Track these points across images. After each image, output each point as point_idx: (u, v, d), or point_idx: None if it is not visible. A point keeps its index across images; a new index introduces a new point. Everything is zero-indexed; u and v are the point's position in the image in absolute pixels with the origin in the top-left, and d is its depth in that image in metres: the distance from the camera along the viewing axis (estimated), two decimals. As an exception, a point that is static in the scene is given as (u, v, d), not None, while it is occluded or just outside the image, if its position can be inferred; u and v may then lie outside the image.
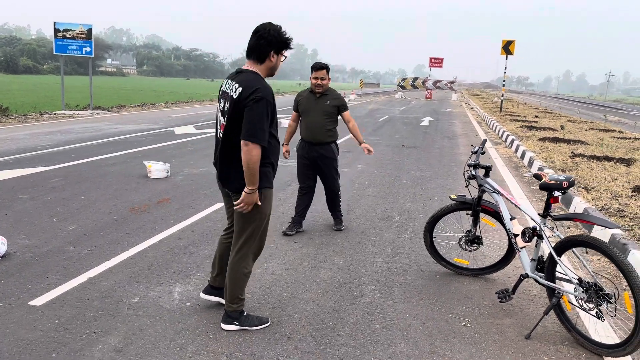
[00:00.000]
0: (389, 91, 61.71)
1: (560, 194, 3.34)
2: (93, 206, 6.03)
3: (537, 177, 3.44)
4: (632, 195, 6.30)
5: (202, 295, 3.57)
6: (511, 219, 3.71)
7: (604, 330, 3.40)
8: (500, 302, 3.60)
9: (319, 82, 5.03)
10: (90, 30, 19.62)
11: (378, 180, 8.19)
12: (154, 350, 2.98)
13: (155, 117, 18.43)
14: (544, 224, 3.41)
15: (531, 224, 3.56)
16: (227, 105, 3.07)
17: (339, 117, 5.29)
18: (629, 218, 5.37)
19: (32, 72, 78.57)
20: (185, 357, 2.92)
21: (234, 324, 3.23)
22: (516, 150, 11.60)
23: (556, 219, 3.39)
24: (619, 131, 16.42)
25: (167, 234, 5.07)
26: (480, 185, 3.74)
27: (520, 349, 3.15)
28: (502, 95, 24.82)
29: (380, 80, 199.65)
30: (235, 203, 3.07)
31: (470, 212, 4.06)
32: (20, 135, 12.10)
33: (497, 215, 3.94)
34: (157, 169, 7.80)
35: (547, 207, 3.40)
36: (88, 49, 19.58)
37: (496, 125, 17.09)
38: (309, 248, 4.84)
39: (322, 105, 5.11)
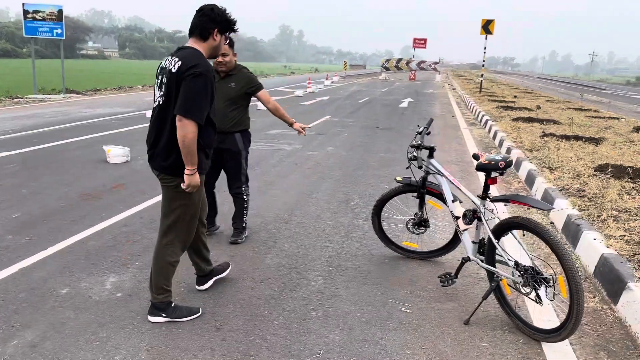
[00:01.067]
0: (374, 73, 61.28)
1: (498, 174, 3.23)
2: (43, 192, 5.83)
3: (475, 157, 3.33)
4: (594, 175, 6.24)
5: (198, 287, 3.54)
6: (454, 201, 3.60)
7: (547, 315, 3.33)
8: (443, 286, 3.51)
9: (220, 59, 4.03)
10: (60, 12, 19.07)
11: (345, 162, 8.05)
12: (72, 345, 2.84)
13: (129, 101, 18.07)
14: (483, 205, 3.31)
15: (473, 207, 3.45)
16: (164, 79, 2.94)
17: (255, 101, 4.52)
18: (588, 198, 5.31)
19: (11, 55, 76.70)
20: (104, 351, 2.78)
21: (161, 316, 3.09)
22: (489, 130, 11.52)
23: (494, 200, 3.28)
24: (594, 110, 16.42)
25: (113, 221, 4.90)
26: (420, 167, 3.61)
27: (456, 335, 3.06)
28: (482, 76, 24.69)
29: (367, 61, 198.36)
30: (182, 186, 2.93)
31: (416, 194, 3.95)
32: (-16, 121, 11.77)
33: (443, 197, 3.83)
34: (116, 153, 7.59)
35: (486, 188, 3.29)
36: (59, 31, 19.05)
37: (473, 106, 17.01)
38: (259, 234, 4.70)
39: (224, 88, 4.16)
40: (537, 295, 2.99)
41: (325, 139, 10.39)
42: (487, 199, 3.30)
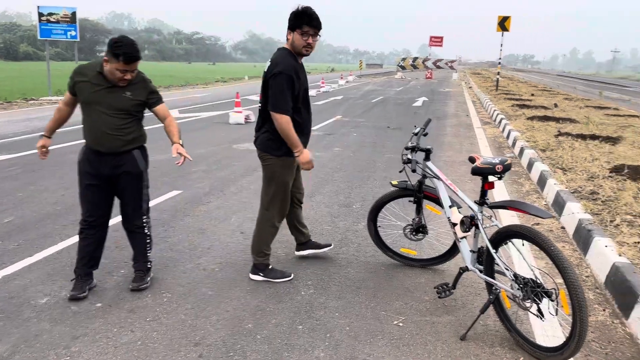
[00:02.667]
0: (391, 72, 60.77)
1: (496, 178, 3.00)
2: (39, 196, 5.74)
3: (471, 160, 3.10)
4: (608, 176, 5.93)
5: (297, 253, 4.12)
6: (451, 207, 3.37)
7: (551, 330, 3.09)
8: (440, 297, 3.29)
9: (121, 76, 3.19)
10: (74, 14, 19.19)
11: (351, 163, 7.85)
12: (42, 359, 2.69)
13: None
14: (481, 212, 3.08)
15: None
16: (263, 79, 3.46)
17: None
18: (601, 201, 5.02)
19: (32, 58, 78.17)
20: (73, 367, 2.64)
21: (260, 275, 3.67)
22: (503, 129, 11.19)
23: (492, 206, 3.05)
24: (614, 108, 15.90)
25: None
26: (413, 170, 3.39)
27: (451, 352, 2.85)
28: (498, 74, 24.20)
29: (385, 61, 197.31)
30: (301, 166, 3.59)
31: (412, 199, 3.73)
32: (-4, 123, 11.84)
33: (441, 202, 3.60)
34: (119, 156, 7.49)
35: (483, 193, 3.06)
36: (73, 33, 19.17)
37: (489, 104, 16.63)
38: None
39: (118, 98, 3.28)
40: (539, 309, 2.76)
41: (334, 139, 10.19)
42: (485, 205, 3.08)
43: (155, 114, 3.55)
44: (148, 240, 3.63)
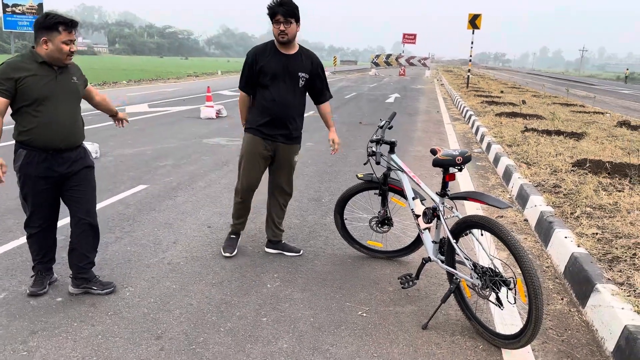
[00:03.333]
0: (365, 69, 61.00)
1: (457, 170, 3.05)
2: (5, 189, 5.58)
3: (433, 152, 3.15)
4: (571, 170, 6.08)
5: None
6: (414, 198, 3.41)
7: (510, 319, 3.16)
8: (403, 287, 3.33)
9: (67, 48, 2.94)
10: (41, 5, 18.75)
11: (322, 158, 7.86)
12: (-3, 355, 2.63)
13: (111, 96, 17.69)
14: (442, 203, 3.13)
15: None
16: None
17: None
18: (563, 194, 5.15)
19: (-2, 51, 75.92)
20: (30, 362, 2.58)
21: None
22: (472, 125, 11.37)
23: (452, 197, 3.11)
24: (580, 105, 16.31)
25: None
26: (378, 163, 3.42)
27: (413, 341, 2.89)
28: (469, 71, 24.55)
29: (359, 58, 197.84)
30: None
31: (378, 191, 3.76)
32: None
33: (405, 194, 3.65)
34: (85, 150, 7.34)
35: (445, 185, 3.12)
36: (39, 25, 18.68)
37: (459, 101, 16.86)
38: (221, 233, 4.50)
39: (68, 85, 3.09)
40: (498, 298, 2.83)
41: (306, 135, 10.12)
42: (446, 197, 3.13)
43: (88, 94, 3.40)
44: (98, 234, 3.40)
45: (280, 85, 3.68)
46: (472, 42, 21.81)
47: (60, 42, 2.91)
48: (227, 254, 3.95)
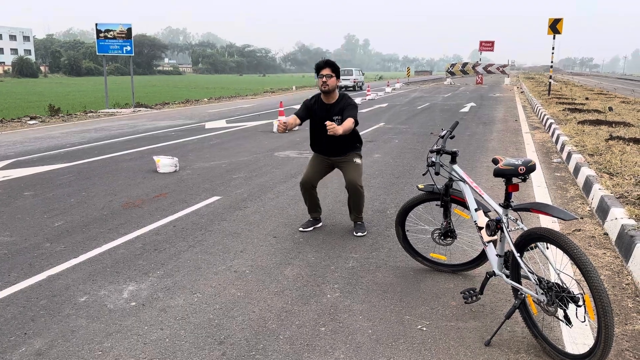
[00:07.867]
0: (440, 78, 59.97)
1: (520, 180, 2.93)
2: (89, 202, 6.06)
3: (494, 161, 3.04)
4: (659, 181, 5.63)
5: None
6: (477, 210, 3.31)
7: (581, 338, 2.98)
8: (466, 302, 3.23)
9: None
10: (129, 30, 20.13)
11: (389, 169, 7.82)
12: (75, 354, 2.85)
13: (193, 113, 18.69)
14: (506, 215, 3.02)
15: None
16: None
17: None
18: (648, 207, 4.78)
19: (94, 73, 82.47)
20: (103, 361, 2.78)
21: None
22: (552, 134, 10.82)
23: (516, 209, 2.98)
24: (677, 111, 15.04)
25: (147, 230, 4.99)
26: (437, 173, 3.35)
27: (474, 358, 2.79)
28: (550, 77, 23.37)
29: (434, 67, 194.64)
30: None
31: (439, 202, 3.69)
32: (57, 134, 12.55)
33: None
34: (165, 163, 7.80)
35: (508, 196, 3.00)
36: (128, 48, 20.11)
37: (539, 109, 16.11)
38: (285, 243, 4.61)
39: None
40: (566, 315, 2.68)
41: (374, 146, 10.18)
42: (510, 208, 3.01)
43: None
44: None
45: (322, 126, 4.40)
46: (552, 48, 20.84)
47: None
48: (300, 229, 4.93)
